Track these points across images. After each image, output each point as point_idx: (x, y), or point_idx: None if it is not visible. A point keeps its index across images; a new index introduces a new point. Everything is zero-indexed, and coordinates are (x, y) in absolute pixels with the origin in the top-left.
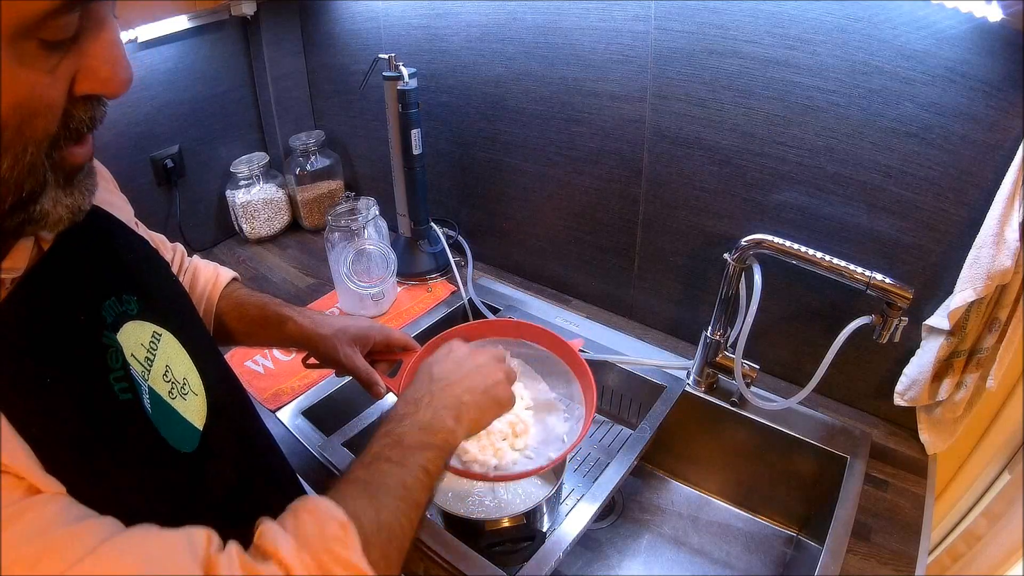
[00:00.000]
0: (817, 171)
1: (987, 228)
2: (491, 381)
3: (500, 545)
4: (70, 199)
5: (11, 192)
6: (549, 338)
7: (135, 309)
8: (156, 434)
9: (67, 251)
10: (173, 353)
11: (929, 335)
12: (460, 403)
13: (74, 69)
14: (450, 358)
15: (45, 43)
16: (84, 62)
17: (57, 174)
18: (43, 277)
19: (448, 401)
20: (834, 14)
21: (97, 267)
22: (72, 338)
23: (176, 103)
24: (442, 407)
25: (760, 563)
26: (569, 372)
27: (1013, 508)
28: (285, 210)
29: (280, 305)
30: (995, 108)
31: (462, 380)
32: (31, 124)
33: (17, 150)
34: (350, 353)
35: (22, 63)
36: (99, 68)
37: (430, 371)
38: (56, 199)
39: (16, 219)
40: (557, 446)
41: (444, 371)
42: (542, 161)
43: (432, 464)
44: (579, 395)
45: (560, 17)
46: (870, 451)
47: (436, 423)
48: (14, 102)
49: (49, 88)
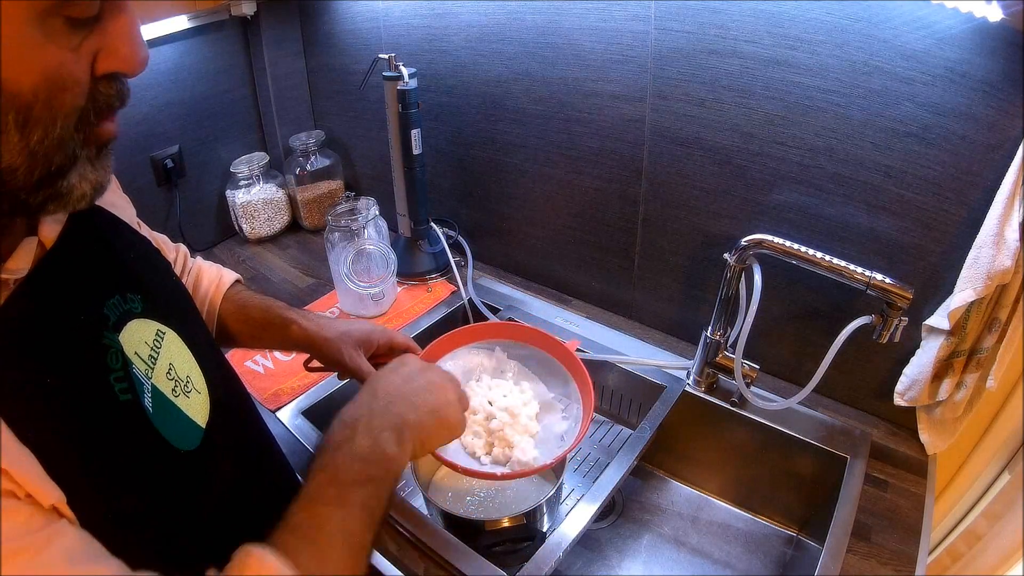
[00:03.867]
0: (817, 171)
1: (987, 228)
2: (441, 401)
3: (500, 545)
4: (95, 175)
5: (39, 165)
6: (546, 340)
7: (139, 307)
8: (156, 434)
9: (70, 251)
10: (176, 351)
11: (929, 335)
12: (403, 423)
13: (96, 48)
14: (398, 372)
15: (70, 21)
16: (105, 41)
17: (90, 148)
18: (46, 278)
19: (389, 421)
20: (834, 14)
21: (100, 266)
22: (73, 339)
23: (176, 103)
24: (382, 429)
25: (760, 563)
26: (566, 372)
27: (1013, 508)
28: (285, 210)
29: (284, 308)
30: (995, 108)
31: (407, 397)
32: (60, 98)
33: (47, 123)
34: (354, 356)
35: (49, 39)
36: (119, 47)
37: (373, 387)
38: (83, 175)
39: (42, 195)
40: (557, 445)
41: (388, 387)
42: (542, 161)
43: (373, 499)
44: (576, 394)
45: (560, 17)
46: (870, 451)
47: (375, 451)
48: (43, 76)
49: (74, 65)
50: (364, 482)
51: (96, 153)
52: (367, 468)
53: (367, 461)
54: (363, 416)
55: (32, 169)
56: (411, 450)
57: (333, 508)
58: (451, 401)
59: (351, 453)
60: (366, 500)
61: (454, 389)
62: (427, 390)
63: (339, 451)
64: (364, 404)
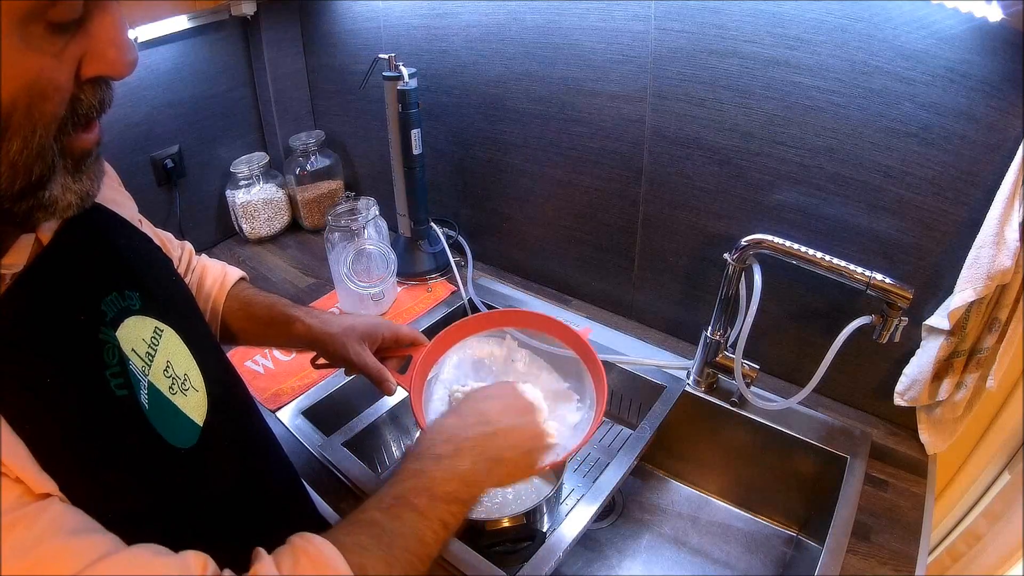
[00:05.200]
0: (817, 171)
1: (987, 228)
2: (535, 444)
3: (500, 545)
4: (79, 185)
5: (20, 176)
6: (558, 327)
7: (137, 304)
8: (152, 430)
9: (67, 247)
10: (174, 349)
11: (929, 335)
12: (501, 458)
13: (80, 52)
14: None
15: (52, 26)
16: (90, 45)
17: (66, 160)
18: (42, 273)
19: (491, 452)
20: (834, 14)
21: (98, 263)
22: (69, 334)
23: (176, 103)
24: (484, 458)
25: (760, 563)
26: (579, 362)
27: (1013, 508)
28: (285, 210)
29: (288, 305)
30: (995, 108)
31: (510, 433)
32: (40, 107)
33: (27, 133)
34: (360, 351)
35: (30, 46)
36: (105, 50)
37: (479, 408)
38: (65, 185)
39: (26, 204)
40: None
41: (493, 414)
42: (542, 161)
43: (455, 518)
44: (590, 383)
45: (560, 17)
46: (870, 451)
47: (474, 476)
48: (23, 85)
49: (56, 71)
50: (454, 501)
51: (75, 165)
52: (462, 489)
53: (465, 482)
54: (469, 439)
55: (13, 180)
56: (497, 482)
57: (415, 515)
58: (542, 447)
59: (452, 470)
60: (449, 518)
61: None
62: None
63: (440, 464)
64: (469, 426)
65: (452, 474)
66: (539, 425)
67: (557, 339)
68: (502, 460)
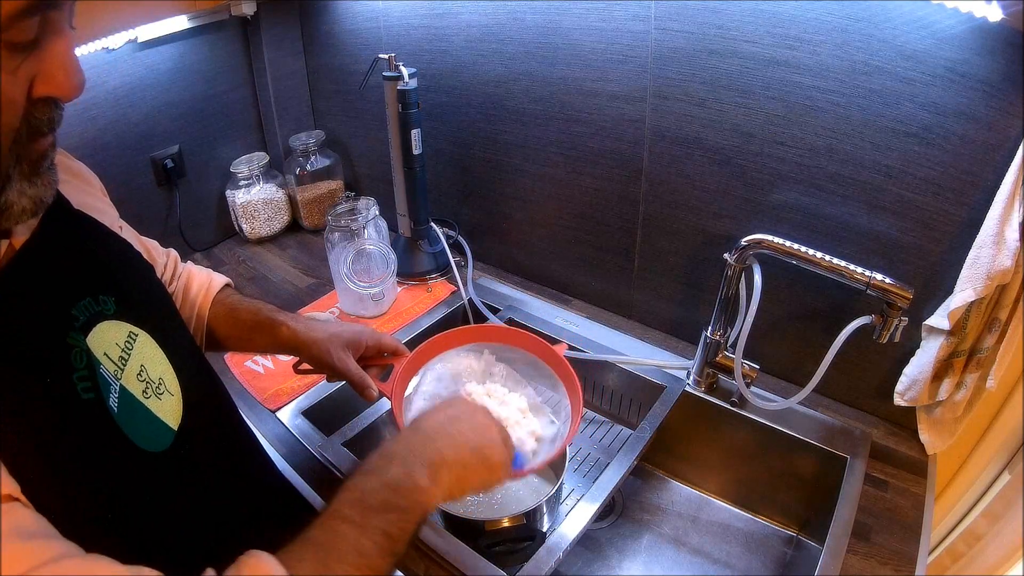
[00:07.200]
0: (817, 171)
1: (987, 228)
2: (485, 440)
3: (500, 545)
4: (34, 190)
5: None
6: (533, 343)
7: (112, 309)
8: (120, 433)
9: (40, 252)
10: (149, 353)
11: (929, 335)
12: (440, 459)
13: (32, 73)
14: (444, 411)
15: (8, 45)
16: (42, 67)
17: (22, 165)
18: (12, 278)
19: (426, 456)
20: (834, 14)
21: (72, 268)
22: (37, 337)
23: (176, 103)
24: (418, 463)
25: (760, 563)
26: (554, 375)
27: (1013, 508)
28: (285, 210)
29: (273, 310)
30: (995, 108)
31: (450, 434)
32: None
33: None
34: (343, 357)
35: None
36: (55, 73)
37: (418, 424)
38: (21, 190)
39: None
40: (545, 448)
41: (432, 423)
42: (542, 161)
43: (395, 528)
44: (565, 398)
45: (560, 17)
46: (870, 451)
47: (406, 482)
48: None
49: (11, 87)
50: (389, 509)
51: (31, 169)
52: (395, 497)
53: (396, 490)
54: (402, 449)
55: None
56: (447, 486)
57: (350, 527)
58: (495, 441)
59: (381, 480)
60: (388, 527)
61: (500, 431)
62: (472, 429)
63: (370, 477)
64: (405, 438)
65: (382, 484)
66: (491, 428)
67: (534, 354)
68: (443, 460)
